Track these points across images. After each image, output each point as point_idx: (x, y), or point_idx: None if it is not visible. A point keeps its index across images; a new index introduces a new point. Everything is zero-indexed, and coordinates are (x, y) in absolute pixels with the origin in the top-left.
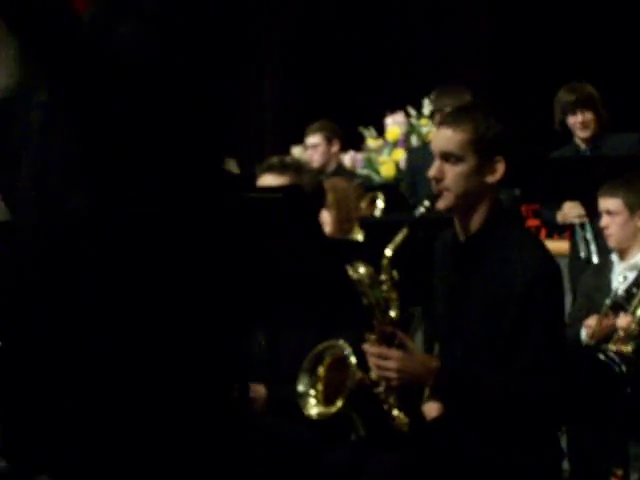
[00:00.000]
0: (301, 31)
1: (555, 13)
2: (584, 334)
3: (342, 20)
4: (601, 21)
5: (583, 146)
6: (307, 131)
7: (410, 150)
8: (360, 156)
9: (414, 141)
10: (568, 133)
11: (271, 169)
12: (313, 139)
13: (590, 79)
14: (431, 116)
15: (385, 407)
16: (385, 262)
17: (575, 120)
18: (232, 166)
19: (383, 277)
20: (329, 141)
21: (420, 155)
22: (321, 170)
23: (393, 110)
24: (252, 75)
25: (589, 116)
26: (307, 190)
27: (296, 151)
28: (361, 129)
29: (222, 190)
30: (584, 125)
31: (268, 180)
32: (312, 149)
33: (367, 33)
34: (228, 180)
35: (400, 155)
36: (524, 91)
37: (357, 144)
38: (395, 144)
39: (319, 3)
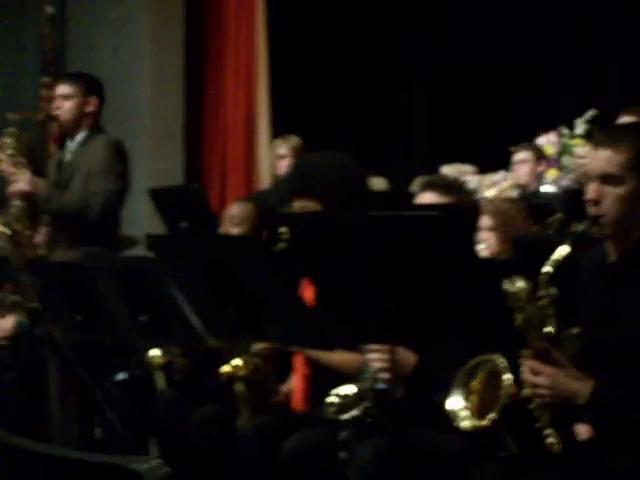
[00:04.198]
0: (450, 51)
1: None
2: None
3: (491, 39)
4: None
5: None
6: (517, 147)
7: None
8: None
9: (566, 161)
10: None
11: (433, 187)
12: (522, 155)
13: None
14: (586, 136)
15: (538, 425)
16: (543, 278)
17: None
18: (380, 184)
19: (541, 293)
20: (537, 160)
21: None
22: (524, 186)
23: (546, 130)
24: (402, 94)
25: None
26: (464, 210)
27: (446, 170)
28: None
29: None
30: None
31: (429, 198)
32: (520, 164)
33: (518, 51)
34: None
35: (554, 174)
36: None
37: (507, 164)
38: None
39: (467, 25)
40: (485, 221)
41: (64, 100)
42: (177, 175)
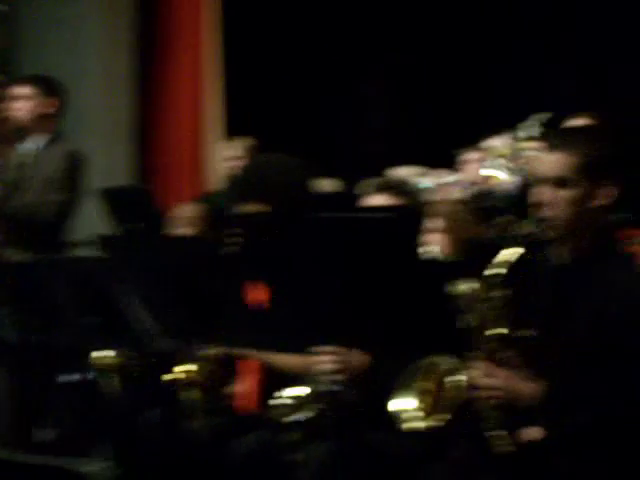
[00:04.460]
0: (406, 53)
1: None
2: None
3: (442, 41)
4: None
5: None
6: (463, 150)
7: None
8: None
9: (517, 163)
10: None
11: (385, 189)
12: (470, 155)
13: None
14: (539, 138)
15: (488, 426)
16: (494, 280)
17: None
18: (331, 186)
19: (492, 294)
20: (479, 161)
21: None
22: (473, 186)
23: (490, 133)
24: (353, 97)
25: None
26: (411, 211)
27: (397, 172)
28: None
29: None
30: None
31: (381, 200)
32: (467, 164)
33: (466, 55)
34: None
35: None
36: None
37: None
38: None
39: (419, 29)
40: (436, 222)
41: (23, 101)
42: (125, 175)
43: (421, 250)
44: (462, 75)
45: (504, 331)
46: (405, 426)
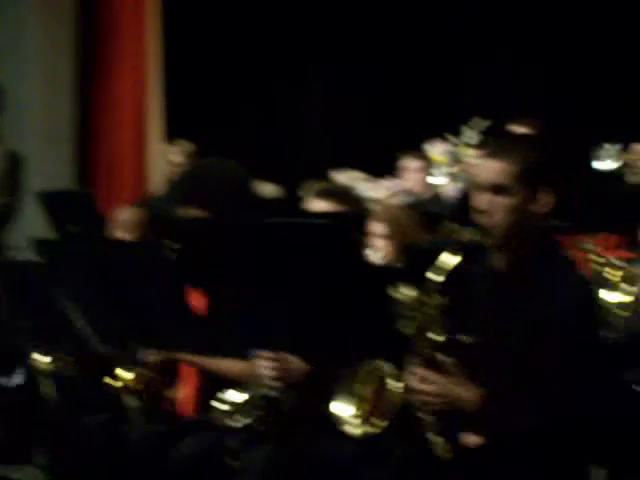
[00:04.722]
0: (343, 60)
1: None
2: None
3: (383, 49)
4: None
5: None
6: (405, 154)
7: None
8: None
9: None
10: None
11: (326, 195)
12: (413, 162)
13: None
14: (478, 146)
15: (426, 432)
16: (432, 286)
17: None
18: (271, 190)
19: (429, 301)
20: (427, 167)
21: None
22: (415, 194)
23: (432, 137)
24: (294, 100)
25: None
26: (353, 217)
27: (337, 177)
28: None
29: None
30: None
31: (321, 206)
32: (409, 171)
33: (407, 57)
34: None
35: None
36: None
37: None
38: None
39: (360, 32)
40: (379, 228)
41: None
42: (66, 178)
43: (362, 255)
44: (403, 80)
45: (440, 337)
46: (345, 431)
